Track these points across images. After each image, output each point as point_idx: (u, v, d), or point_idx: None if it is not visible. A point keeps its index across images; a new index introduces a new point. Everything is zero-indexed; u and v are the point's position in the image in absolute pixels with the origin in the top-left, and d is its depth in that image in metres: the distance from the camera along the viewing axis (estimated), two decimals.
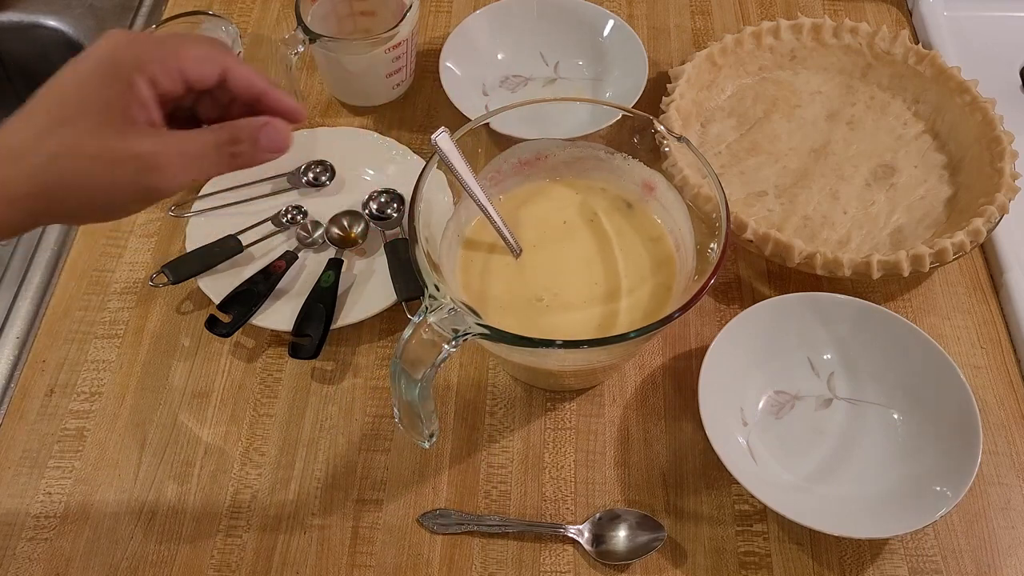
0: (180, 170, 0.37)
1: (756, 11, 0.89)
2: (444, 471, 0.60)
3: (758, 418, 0.61)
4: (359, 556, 0.57)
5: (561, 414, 0.63)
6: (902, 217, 0.70)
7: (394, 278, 0.66)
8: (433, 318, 0.46)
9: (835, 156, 0.74)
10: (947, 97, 0.74)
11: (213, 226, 0.69)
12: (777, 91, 0.78)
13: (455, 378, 0.65)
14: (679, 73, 0.75)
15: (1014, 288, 0.67)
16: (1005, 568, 0.57)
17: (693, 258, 0.56)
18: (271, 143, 0.41)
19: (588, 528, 0.57)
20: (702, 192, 0.56)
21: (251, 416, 0.63)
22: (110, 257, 0.71)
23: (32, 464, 0.61)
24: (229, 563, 0.57)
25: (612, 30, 0.81)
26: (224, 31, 0.72)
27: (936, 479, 0.56)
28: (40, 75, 0.39)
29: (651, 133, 0.58)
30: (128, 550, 0.57)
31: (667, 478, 0.60)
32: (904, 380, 0.61)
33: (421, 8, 0.80)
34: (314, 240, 0.70)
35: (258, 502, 0.59)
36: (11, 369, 0.65)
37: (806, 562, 0.57)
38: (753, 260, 0.71)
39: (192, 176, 0.38)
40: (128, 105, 0.37)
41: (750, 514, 0.58)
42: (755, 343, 0.62)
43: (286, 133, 0.41)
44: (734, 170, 0.74)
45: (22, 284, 0.70)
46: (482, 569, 0.56)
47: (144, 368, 0.65)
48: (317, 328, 0.63)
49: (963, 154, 0.72)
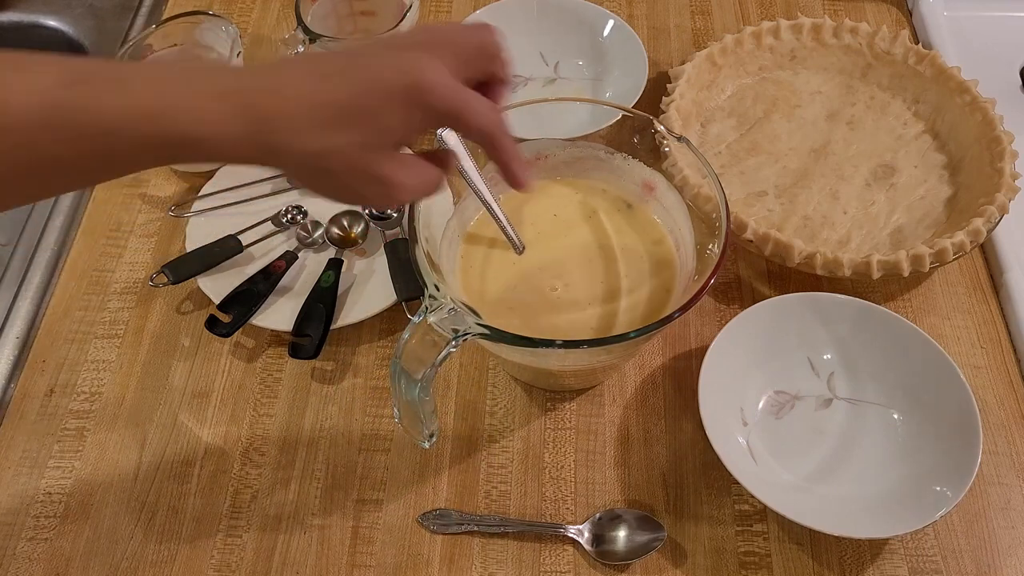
0: (411, 194, 0.42)
1: (756, 11, 0.89)
2: (444, 471, 0.60)
3: (758, 418, 0.61)
4: (359, 556, 0.57)
5: (561, 414, 0.63)
6: (902, 217, 0.70)
7: (394, 278, 0.66)
8: (433, 318, 0.46)
9: (835, 156, 0.74)
10: (947, 97, 0.74)
11: (213, 226, 0.69)
12: (777, 91, 0.78)
13: (455, 378, 0.65)
14: (679, 73, 0.75)
15: (1014, 288, 0.67)
16: (1005, 568, 0.57)
17: (693, 258, 0.56)
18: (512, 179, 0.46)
19: (588, 528, 0.57)
20: (702, 192, 0.56)
21: (251, 416, 0.63)
22: (110, 257, 0.71)
23: (32, 464, 0.61)
24: (229, 563, 0.57)
25: (612, 30, 0.81)
26: (224, 31, 0.72)
27: (936, 479, 0.56)
28: None
29: (651, 133, 0.58)
30: (128, 550, 0.57)
31: (667, 478, 0.60)
32: (904, 380, 0.61)
33: (421, 8, 0.80)
34: (314, 240, 0.70)
35: (258, 502, 0.59)
36: (11, 369, 0.65)
37: (806, 562, 0.57)
38: (753, 260, 0.71)
39: (419, 198, 0.45)
40: (403, 140, 0.40)
41: (750, 514, 0.58)
42: (755, 343, 0.62)
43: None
44: (734, 170, 0.74)
45: (22, 284, 0.70)
46: (482, 569, 0.56)
47: (144, 368, 0.65)
48: (317, 328, 0.63)
49: (963, 154, 0.72)
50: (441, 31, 0.42)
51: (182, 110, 0.36)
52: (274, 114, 0.37)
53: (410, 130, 0.40)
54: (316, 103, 0.38)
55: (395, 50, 0.40)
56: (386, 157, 0.40)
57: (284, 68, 0.39)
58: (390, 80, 0.38)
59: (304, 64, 0.39)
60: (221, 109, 0.36)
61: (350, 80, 0.38)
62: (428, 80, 0.38)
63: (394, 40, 0.41)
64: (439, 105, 0.39)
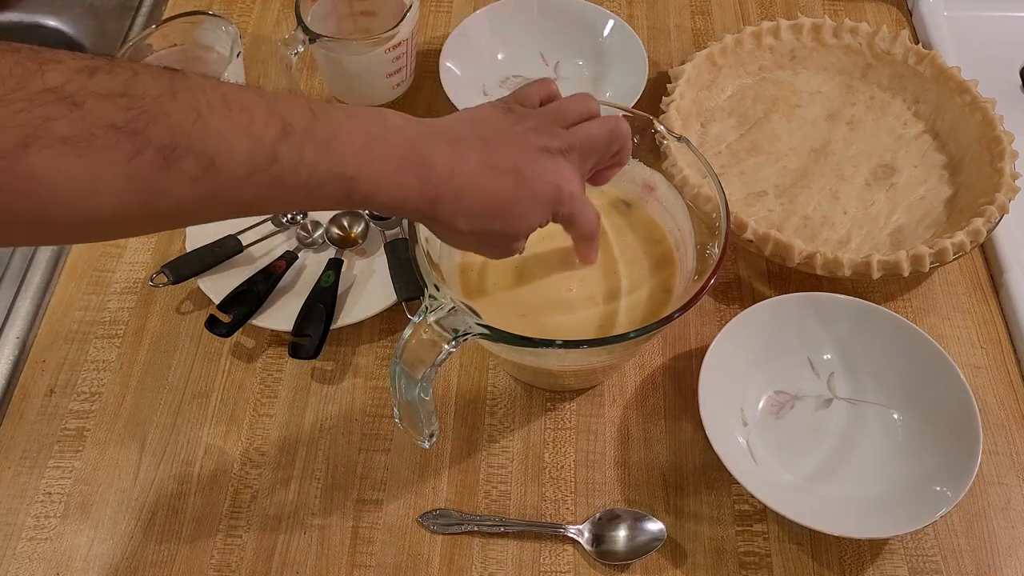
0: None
1: (756, 11, 0.89)
2: (444, 471, 0.60)
3: (758, 418, 0.61)
4: (359, 556, 0.57)
5: (561, 414, 0.63)
6: (902, 217, 0.70)
7: (394, 278, 0.66)
8: (433, 318, 0.46)
9: (835, 156, 0.74)
10: (947, 97, 0.74)
11: (213, 226, 0.69)
12: (777, 91, 0.78)
13: (455, 378, 0.65)
14: (679, 73, 0.75)
15: (1014, 288, 0.67)
16: (1005, 568, 0.57)
17: (693, 258, 0.56)
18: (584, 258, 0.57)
19: (588, 528, 0.57)
20: (702, 192, 0.56)
21: (251, 416, 0.63)
22: (110, 257, 0.71)
23: (32, 464, 0.61)
24: (229, 563, 0.57)
25: (612, 30, 0.81)
26: (224, 31, 0.72)
27: (936, 479, 0.56)
28: None
29: (651, 133, 0.58)
30: (128, 550, 0.57)
31: (667, 478, 0.60)
32: (904, 380, 0.61)
33: (421, 8, 0.80)
34: (314, 240, 0.70)
35: (258, 502, 0.59)
36: (11, 369, 0.65)
37: (806, 562, 0.57)
38: (753, 260, 0.71)
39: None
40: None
41: (750, 514, 0.58)
42: (755, 343, 0.62)
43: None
44: (734, 170, 0.74)
45: (22, 284, 0.70)
46: (482, 569, 0.56)
47: (144, 368, 0.65)
48: (317, 328, 0.63)
49: (963, 154, 0.72)
50: (581, 134, 0.48)
51: (371, 180, 0.40)
52: (445, 195, 0.43)
53: (534, 230, 0.48)
54: (483, 199, 0.44)
55: (546, 153, 0.46)
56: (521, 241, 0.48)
57: (462, 148, 0.44)
58: (545, 191, 0.46)
59: (480, 147, 0.44)
60: (404, 183, 0.41)
61: (516, 184, 0.45)
62: (568, 194, 0.47)
63: (543, 133, 0.46)
64: (567, 212, 0.47)
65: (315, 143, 0.38)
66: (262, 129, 0.36)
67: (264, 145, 0.36)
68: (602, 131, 0.48)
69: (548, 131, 0.47)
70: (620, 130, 0.49)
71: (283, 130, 0.37)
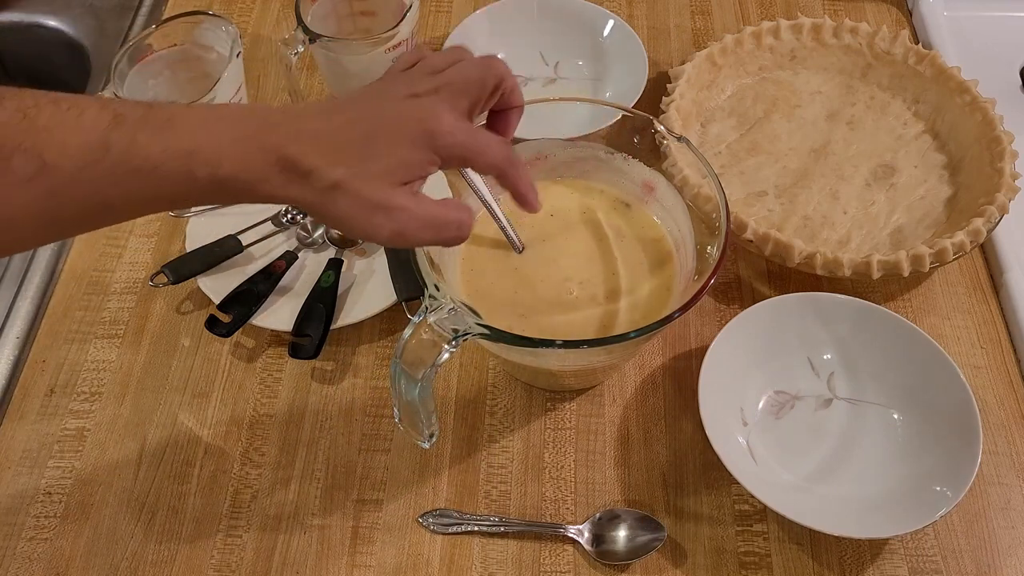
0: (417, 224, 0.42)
1: (756, 11, 0.89)
2: (444, 471, 0.60)
3: (758, 418, 0.61)
4: (359, 556, 0.57)
5: (561, 414, 0.63)
6: (902, 217, 0.70)
7: (394, 278, 0.66)
8: (433, 318, 0.46)
9: (835, 156, 0.74)
10: (947, 97, 0.74)
11: (213, 226, 0.69)
12: (777, 91, 0.78)
13: (455, 378, 0.65)
14: (679, 73, 0.75)
15: (1014, 288, 0.67)
16: (1005, 568, 0.57)
17: (693, 258, 0.56)
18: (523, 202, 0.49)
19: (588, 528, 0.57)
20: (702, 192, 0.56)
21: (251, 416, 0.63)
22: (110, 257, 0.71)
23: (32, 464, 0.61)
24: (229, 563, 0.57)
25: (612, 30, 0.81)
26: (224, 31, 0.72)
27: (936, 479, 0.56)
28: (40, 75, 0.39)
29: (651, 133, 0.58)
30: (128, 550, 0.57)
31: (667, 478, 0.60)
32: (904, 380, 0.61)
33: (421, 8, 0.80)
34: (314, 240, 0.70)
35: (258, 502, 0.59)
36: (11, 369, 0.65)
37: (806, 562, 0.57)
38: (753, 260, 0.71)
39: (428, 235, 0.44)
40: (416, 179, 0.42)
41: (750, 514, 0.58)
42: (755, 343, 0.62)
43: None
44: (734, 170, 0.74)
45: (22, 284, 0.70)
46: (482, 569, 0.56)
47: (144, 368, 0.65)
48: (317, 328, 0.63)
49: (963, 154, 0.72)
50: (450, 75, 0.45)
51: (212, 151, 0.38)
52: (292, 153, 0.39)
53: (424, 171, 0.43)
54: (334, 141, 0.40)
55: (412, 98, 0.43)
56: (399, 190, 0.41)
57: (304, 112, 0.41)
58: (407, 126, 0.42)
59: (324, 108, 0.42)
60: (245, 150, 0.38)
61: (369, 122, 0.41)
62: (441, 130, 0.42)
63: (411, 82, 0.44)
64: (451, 148, 0.42)
65: (148, 128, 0.37)
66: (92, 122, 0.36)
67: (94, 136, 0.36)
68: (472, 67, 0.46)
69: (417, 80, 0.45)
70: (491, 64, 0.46)
71: (114, 119, 0.36)
